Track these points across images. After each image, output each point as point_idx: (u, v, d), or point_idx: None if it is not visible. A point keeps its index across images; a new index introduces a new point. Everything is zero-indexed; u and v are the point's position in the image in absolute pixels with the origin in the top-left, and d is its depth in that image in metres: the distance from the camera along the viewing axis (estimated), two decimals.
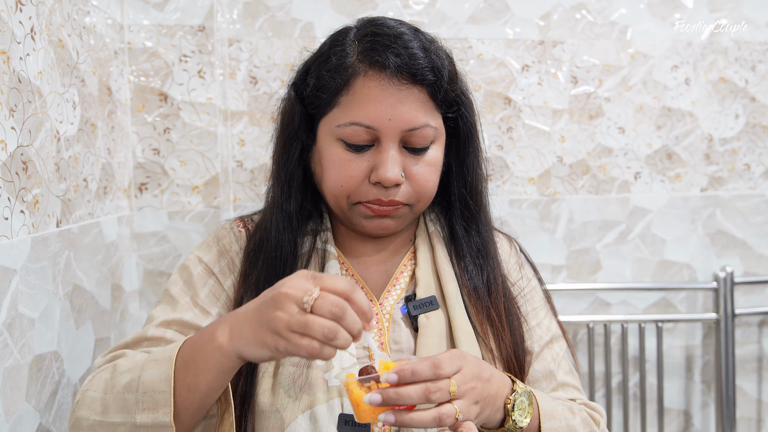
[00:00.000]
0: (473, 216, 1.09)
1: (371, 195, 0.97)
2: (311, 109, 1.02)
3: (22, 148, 0.94)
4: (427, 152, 0.99)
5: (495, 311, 1.03)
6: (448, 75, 0.99)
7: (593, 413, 1.02)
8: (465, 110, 1.06)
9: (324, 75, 0.99)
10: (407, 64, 0.94)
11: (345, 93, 0.96)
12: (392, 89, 0.94)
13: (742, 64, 1.93)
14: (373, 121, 0.94)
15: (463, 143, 1.07)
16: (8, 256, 0.90)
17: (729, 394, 1.88)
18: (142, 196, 1.57)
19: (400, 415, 0.78)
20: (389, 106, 0.94)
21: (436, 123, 0.99)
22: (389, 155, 0.95)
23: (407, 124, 0.95)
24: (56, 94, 1.08)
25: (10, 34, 0.92)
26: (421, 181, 0.98)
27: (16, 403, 0.92)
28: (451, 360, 0.81)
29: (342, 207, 1.00)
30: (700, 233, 1.94)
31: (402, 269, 1.07)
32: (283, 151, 1.06)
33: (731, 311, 1.87)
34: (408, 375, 0.77)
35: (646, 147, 1.91)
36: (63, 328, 1.09)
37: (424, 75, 0.95)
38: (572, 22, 1.86)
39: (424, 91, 0.96)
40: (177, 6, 1.55)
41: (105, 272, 1.32)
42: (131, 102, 1.54)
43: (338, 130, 0.96)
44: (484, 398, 0.84)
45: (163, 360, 0.84)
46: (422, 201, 1.01)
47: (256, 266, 1.03)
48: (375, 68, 0.95)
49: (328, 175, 0.99)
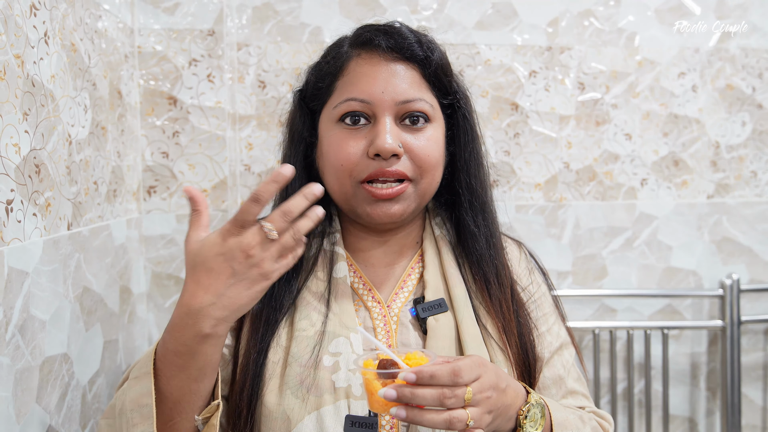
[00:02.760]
0: (481, 206, 1.09)
1: (372, 168, 0.98)
2: (313, 103, 1.06)
3: (35, 152, 0.95)
4: (426, 129, 1.01)
5: (506, 304, 1.04)
6: (439, 57, 1.03)
7: (602, 422, 1.03)
8: (462, 102, 1.08)
9: (322, 67, 1.05)
10: (397, 42, 1.00)
11: (341, 77, 1.02)
12: (384, 65, 0.99)
13: (749, 72, 1.93)
14: (367, 95, 0.98)
15: (463, 132, 1.09)
16: (21, 258, 0.90)
17: (734, 402, 1.87)
18: (151, 199, 1.57)
19: (412, 412, 0.79)
20: (382, 80, 0.98)
21: (430, 100, 1.02)
22: (385, 126, 0.97)
23: (400, 95, 0.98)
24: (68, 98, 1.09)
25: (25, 39, 0.93)
26: (421, 154, 0.99)
27: (26, 404, 0.92)
28: (472, 368, 0.81)
29: (346, 192, 1.01)
30: (706, 240, 1.94)
31: (410, 271, 1.08)
32: (288, 152, 1.09)
33: (737, 318, 1.86)
34: (426, 377, 0.78)
35: (653, 154, 1.91)
36: (73, 330, 1.09)
37: (413, 50, 1.00)
38: (580, 28, 1.86)
39: (415, 68, 1.01)
40: (187, 11, 1.56)
41: (114, 275, 1.33)
42: (141, 105, 1.55)
43: (335, 111, 1.00)
44: (497, 408, 0.84)
45: (142, 376, 0.86)
46: (426, 178, 1.01)
47: None
48: (366, 49, 1.01)
49: (329, 158, 1.01)
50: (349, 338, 0.97)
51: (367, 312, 1.02)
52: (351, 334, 0.97)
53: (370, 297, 1.04)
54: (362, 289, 1.05)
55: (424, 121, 1.01)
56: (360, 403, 0.92)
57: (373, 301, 1.03)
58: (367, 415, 0.92)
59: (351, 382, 0.93)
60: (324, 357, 0.95)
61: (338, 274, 1.03)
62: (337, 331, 0.97)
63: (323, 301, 1.01)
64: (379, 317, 1.02)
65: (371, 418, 0.91)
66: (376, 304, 1.03)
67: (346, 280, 1.03)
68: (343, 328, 0.97)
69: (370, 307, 1.03)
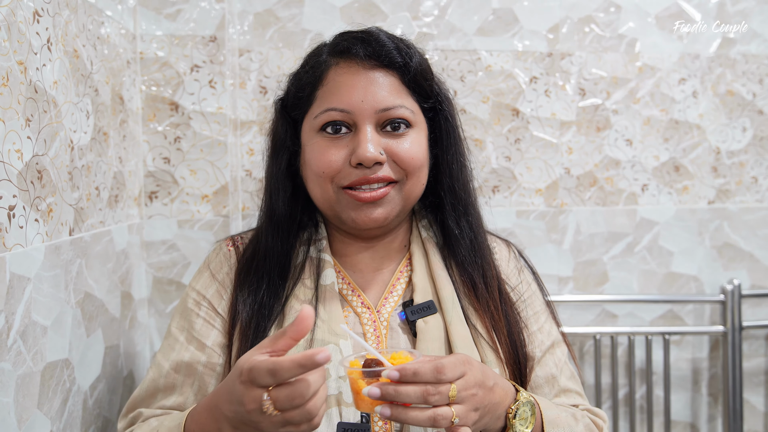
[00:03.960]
0: (464, 208, 1.10)
1: (354, 176, 0.98)
2: (294, 112, 1.07)
3: (37, 158, 0.95)
4: (408, 134, 1.01)
5: (493, 304, 1.04)
6: (418, 62, 1.03)
7: (596, 419, 1.03)
8: (443, 104, 1.09)
9: (302, 76, 1.06)
10: (375, 49, 1.00)
11: (320, 86, 1.02)
12: (362, 74, 0.99)
13: (749, 78, 1.94)
14: (347, 104, 0.98)
15: (445, 135, 1.09)
16: (22, 264, 0.90)
17: (736, 408, 1.87)
18: (152, 204, 1.58)
19: (397, 410, 0.79)
20: (361, 88, 0.98)
21: (411, 106, 1.02)
22: (366, 135, 0.97)
23: (380, 103, 0.98)
24: (71, 104, 1.09)
25: (28, 45, 0.93)
26: (405, 157, 1.00)
27: (28, 410, 0.92)
28: (455, 365, 0.81)
29: (330, 199, 1.01)
30: (707, 246, 1.94)
31: (398, 276, 1.08)
32: (271, 162, 1.11)
33: (738, 324, 1.86)
34: (409, 375, 0.78)
35: (654, 159, 1.92)
36: (74, 336, 1.09)
37: (392, 58, 1.00)
38: (581, 34, 1.87)
39: (394, 75, 1.01)
40: (189, 17, 1.56)
41: (115, 280, 1.33)
42: (142, 111, 1.56)
43: (316, 121, 1.01)
44: (484, 406, 0.84)
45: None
46: (411, 180, 1.02)
47: (248, 278, 1.04)
48: (345, 57, 1.01)
49: (311, 167, 1.01)
50: (338, 345, 0.97)
51: (357, 317, 1.03)
52: (340, 340, 0.97)
53: (359, 302, 1.04)
54: (351, 295, 1.05)
55: (406, 126, 1.01)
56: (351, 410, 0.92)
57: (362, 307, 1.04)
58: (359, 420, 0.92)
59: (342, 389, 0.94)
60: None
61: (325, 281, 1.04)
62: (326, 338, 0.97)
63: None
64: (368, 322, 1.02)
65: (363, 425, 0.92)
66: (366, 310, 1.03)
67: (333, 287, 1.03)
68: (332, 335, 0.98)
69: (359, 312, 1.03)
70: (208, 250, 1.56)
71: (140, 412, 1.01)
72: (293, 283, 1.04)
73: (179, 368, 1.02)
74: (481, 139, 1.84)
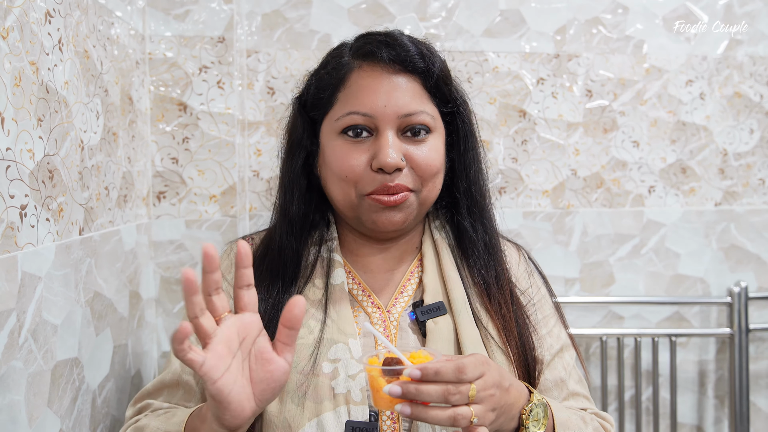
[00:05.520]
0: (479, 211, 1.10)
1: (377, 182, 0.98)
2: (313, 112, 1.06)
3: (48, 157, 0.96)
4: (427, 140, 1.02)
5: (505, 306, 1.05)
6: (440, 68, 1.03)
7: (604, 423, 1.03)
8: (462, 108, 1.09)
9: (323, 76, 1.05)
10: (398, 54, 1.00)
11: (342, 88, 1.02)
12: (386, 78, 0.99)
13: (757, 79, 1.93)
14: (369, 109, 0.98)
15: (463, 139, 1.09)
16: (34, 263, 0.91)
17: (743, 410, 1.87)
18: (161, 204, 1.58)
19: (417, 408, 0.79)
20: (384, 93, 0.98)
21: (431, 111, 1.02)
22: (388, 141, 0.98)
23: (402, 109, 0.98)
24: (81, 104, 1.10)
25: (40, 46, 0.94)
26: (423, 165, 1.00)
27: (38, 408, 0.93)
28: (476, 366, 0.82)
29: (352, 202, 1.02)
30: (714, 247, 1.94)
31: (409, 276, 1.08)
32: (287, 160, 1.10)
33: (745, 326, 1.86)
34: (431, 374, 0.78)
35: (661, 161, 1.92)
36: (84, 335, 1.10)
37: (415, 63, 1.00)
38: (588, 36, 1.87)
39: (417, 80, 1.01)
40: (198, 18, 1.57)
41: (124, 280, 1.33)
42: (151, 111, 1.56)
43: (338, 123, 1.00)
44: (501, 406, 0.85)
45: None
46: (427, 186, 1.02)
47: (260, 276, 1.05)
48: (368, 60, 1.01)
49: (333, 170, 1.01)
50: (347, 344, 0.97)
51: (367, 317, 1.03)
52: (350, 340, 0.98)
53: (369, 302, 1.05)
54: (361, 295, 1.05)
55: (426, 132, 1.01)
56: (360, 409, 0.93)
57: (372, 307, 1.04)
58: (368, 419, 0.93)
59: (350, 388, 0.94)
60: (323, 364, 0.96)
61: (335, 281, 1.04)
62: (336, 337, 0.98)
63: (321, 308, 1.02)
64: (378, 322, 1.02)
65: (371, 423, 0.92)
66: (376, 310, 1.04)
67: (343, 287, 1.03)
68: (341, 334, 0.98)
69: (369, 312, 1.04)
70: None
71: (148, 403, 1.04)
72: (304, 283, 1.05)
73: (186, 366, 1.02)
74: (488, 140, 1.84)
